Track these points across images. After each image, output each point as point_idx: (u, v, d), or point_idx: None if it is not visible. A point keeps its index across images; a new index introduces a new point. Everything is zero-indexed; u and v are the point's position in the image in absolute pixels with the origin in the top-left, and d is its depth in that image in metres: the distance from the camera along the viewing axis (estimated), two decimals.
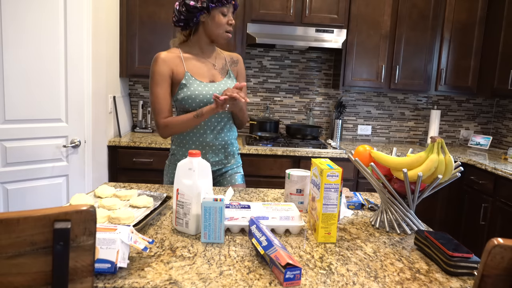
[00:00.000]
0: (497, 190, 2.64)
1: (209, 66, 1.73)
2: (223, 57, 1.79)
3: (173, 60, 1.66)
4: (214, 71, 1.74)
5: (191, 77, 1.67)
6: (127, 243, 0.91)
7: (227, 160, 1.79)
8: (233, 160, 1.82)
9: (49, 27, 2.20)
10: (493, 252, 0.66)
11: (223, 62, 1.78)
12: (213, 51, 1.77)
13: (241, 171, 1.87)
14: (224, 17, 1.66)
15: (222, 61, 1.78)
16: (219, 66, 1.76)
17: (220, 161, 1.78)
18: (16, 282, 0.66)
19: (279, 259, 0.91)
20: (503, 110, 3.51)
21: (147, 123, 3.37)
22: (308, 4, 3.03)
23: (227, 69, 1.78)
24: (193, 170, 1.15)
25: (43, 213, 0.65)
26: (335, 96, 3.55)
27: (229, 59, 1.80)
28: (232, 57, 1.82)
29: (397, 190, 1.26)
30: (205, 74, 1.71)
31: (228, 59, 1.80)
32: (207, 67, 1.72)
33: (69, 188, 2.42)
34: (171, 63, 1.66)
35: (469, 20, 3.19)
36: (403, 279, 0.96)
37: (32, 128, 2.22)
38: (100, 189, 1.42)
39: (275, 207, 1.27)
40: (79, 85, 2.38)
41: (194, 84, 1.66)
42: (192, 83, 1.66)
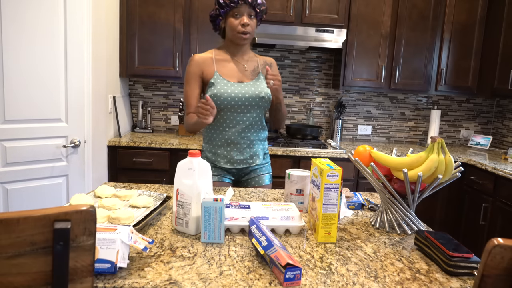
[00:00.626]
0: (497, 190, 2.64)
1: (240, 67, 1.79)
2: (256, 60, 1.84)
3: (205, 61, 1.77)
4: (244, 72, 1.79)
5: (219, 77, 1.74)
6: (127, 243, 0.91)
7: (252, 160, 1.82)
8: (258, 160, 1.83)
9: (49, 27, 2.20)
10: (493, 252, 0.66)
11: (255, 65, 1.83)
12: (245, 54, 1.82)
13: (268, 171, 1.89)
14: (236, 19, 1.69)
15: (254, 64, 1.83)
16: (250, 68, 1.81)
17: (245, 160, 1.81)
18: (16, 282, 0.66)
19: (279, 259, 0.91)
20: (503, 110, 3.51)
21: (147, 123, 3.37)
22: (308, 4, 3.03)
23: (258, 71, 1.82)
24: (193, 170, 1.15)
25: (43, 213, 0.65)
26: (335, 96, 3.55)
27: (262, 62, 1.85)
28: (265, 61, 1.87)
29: (397, 190, 1.26)
30: (234, 74, 1.78)
31: (261, 62, 1.85)
32: (237, 68, 1.79)
33: (69, 188, 2.42)
34: (202, 64, 1.76)
35: (469, 20, 3.19)
36: (403, 279, 0.96)
37: (32, 128, 2.22)
38: (100, 189, 1.42)
39: (275, 207, 1.27)
40: (79, 85, 2.38)
41: (221, 83, 1.72)
42: (219, 82, 1.72)
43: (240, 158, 1.79)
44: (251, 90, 1.73)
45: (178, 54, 3.03)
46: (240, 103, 1.71)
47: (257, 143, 1.81)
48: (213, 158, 1.80)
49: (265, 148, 1.88)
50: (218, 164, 1.80)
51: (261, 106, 1.75)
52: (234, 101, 1.71)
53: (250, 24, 1.70)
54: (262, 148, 1.85)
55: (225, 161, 1.79)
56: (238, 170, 1.82)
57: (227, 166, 1.80)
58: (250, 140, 1.79)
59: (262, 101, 1.74)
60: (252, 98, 1.72)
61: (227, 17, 1.71)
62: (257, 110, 1.75)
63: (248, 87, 1.74)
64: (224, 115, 1.74)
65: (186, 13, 3.02)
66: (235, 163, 1.80)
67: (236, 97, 1.70)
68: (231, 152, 1.78)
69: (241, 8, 1.67)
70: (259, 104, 1.73)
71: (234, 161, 1.79)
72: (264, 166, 1.87)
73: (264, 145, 1.86)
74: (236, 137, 1.76)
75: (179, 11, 3.00)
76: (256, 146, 1.81)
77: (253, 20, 1.71)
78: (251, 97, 1.72)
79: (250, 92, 1.72)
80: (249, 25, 1.69)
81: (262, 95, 1.74)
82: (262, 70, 1.83)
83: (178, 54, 3.03)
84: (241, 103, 1.71)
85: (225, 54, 1.80)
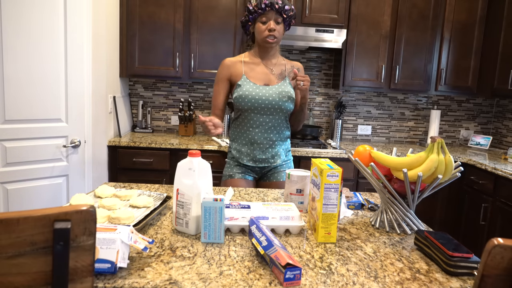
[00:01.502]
0: (497, 190, 2.64)
1: (267, 71, 1.88)
2: (283, 64, 1.92)
3: (234, 64, 1.88)
4: (271, 75, 1.87)
5: (246, 79, 1.84)
6: (127, 243, 0.91)
7: (273, 159, 1.89)
8: (279, 160, 1.90)
9: (49, 27, 2.20)
10: (493, 252, 0.66)
11: (282, 69, 1.90)
12: (273, 57, 1.91)
13: (290, 167, 1.96)
14: (263, 25, 1.79)
15: (281, 67, 1.90)
16: (277, 71, 1.89)
17: (267, 159, 1.88)
18: (16, 282, 0.66)
19: (279, 259, 0.91)
20: (503, 110, 3.51)
21: (147, 123, 3.37)
22: (308, 4, 3.03)
23: (284, 75, 1.90)
24: (193, 170, 1.15)
25: (43, 213, 0.65)
26: (335, 96, 3.55)
27: (289, 67, 1.93)
28: (293, 65, 1.94)
29: (397, 190, 1.26)
30: (261, 77, 1.86)
31: (288, 67, 1.92)
32: (264, 72, 1.87)
33: (69, 188, 2.42)
34: (232, 67, 1.87)
35: (469, 20, 3.19)
36: (403, 279, 0.96)
37: (32, 128, 2.22)
38: (100, 189, 1.42)
39: (275, 207, 1.27)
40: (79, 85, 2.38)
41: (247, 85, 1.82)
42: (246, 84, 1.82)
43: (262, 157, 1.87)
44: (275, 93, 1.81)
45: (178, 54, 3.03)
46: (263, 105, 1.80)
47: (279, 144, 1.89)
48: (237, 156, 1.90)
49: (287, 147, 1.96)
50: (242, 161, 1.89)
51: (285, 109, 1.83)
52: (257, 103, 1.79)
53: (276, 29, 1.78)
54: (284, 148, 1.93)
55: (248, 159, 1.88)
56: (261, 168, 1.91)
57: (250, 164, 1.88)
58: (272, 141, 1.87)
59: (285, 104, 1.82)
60: (275, 101, 1.80)
61: (256, 23, 1.81)
62: (279, 112, 1.83)
63: (273, 90, 1.82)
64: (248, 115, 1.83)
65: (186, 13, 3.02)
66: (257, 162, 1.88)
67: (260, 99, 1.79)
68: (254, 151, 1.86)
69: (269, 14, 1.77)
70: (282, 107, 1.81)
71: (256, 159, 1.87)
72: (286, 163, 1.95)
73: (286, 145, 1.95)
74: (259, 137, 1.84)
75: (179, 11, 3.00)
76: (278, 146, 1.89)
77: (280, 25, 1.80)
78: (275, 100, 1.80)
79: (274, 95, 1.81)
80: (275, 30, 1.77)
81: (286, 99, 1.81)
82: (288, 74, 1.90)
83: (178, 54, 3.03)
84: (264, 105, 1.80)
85: (255, 58, 1.89)
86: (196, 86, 3.44)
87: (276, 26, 1.78)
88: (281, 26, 1.81)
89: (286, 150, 1.96)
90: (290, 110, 1.86)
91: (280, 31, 1.81)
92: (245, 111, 1.83)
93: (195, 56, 3.05)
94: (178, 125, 3.40)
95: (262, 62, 1.89)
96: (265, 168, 1.91)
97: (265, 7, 1.75)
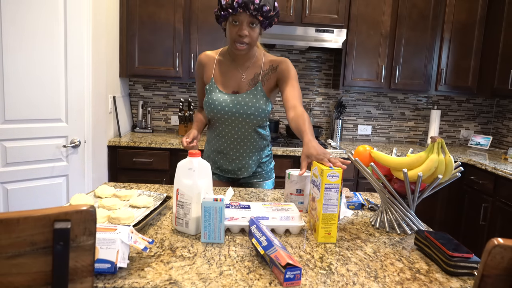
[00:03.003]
0: (497, 190, 2.64)
1: (237, 76, 1.65)
2: (259, 66, 1.66)
3: (208, 63, 1.69)
4: (241, 82, 1.65)
5: (214, 84, 1.66)
6: (127, 243, 0.91)
7: (240, 171, 1.73)
8: (246, 173, 1.74)
9: (49, 27, 2.20)
10: (493, 252, 0.66)
11: (256, 72, 1.65)
12: (247, 60, 1.65)
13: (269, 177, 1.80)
14: (234, 27, 1.51)
15: (255, 71, 1.65)
16: (249, 76, 1.65)
17: (233, 171, 1.74)
18: (16, 282, 0.66)
19: (279, 259, 0.91)
20: (503, 110, 3.51)
21: (147, 123, 3.37)
22: (308, 4, 3.03)
23: (257, 81, 1.65)
24: (193, 170, 1.15)
25: (43, 213, 0.65)
26: (335, 96, 3.55)
27: (266, 68, 1.66)
28: (272, 64, 1.66)
29: (397, 190, 1.26)
30: (230, 84, 1.66)
31: (265, 68, 1.66)
32: (234, 77, 1.66)
33: (69, 188, 2.42)
34: (204, 66, 1.69)
35: (469, 20, 3.19)
36: (403, 279, 0.96)
37: (32, 128, 2.22)
38: (100, 189, 1.42)
39: (275, 207, 1.27)
40: (79, 85, 2.38)
41: (213, 91, 1.64)
42: (212, 91, 1.65)
43: (228, 168, 1.74)
44: (240, 104, 1.61)
45: (178, 54, 3.03)
46: (226, 116, 1.63)
47: (247, 156, 1.70)
48: (207, 160, 1.78)
49: (261, 158, 1.75)
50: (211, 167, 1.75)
51: (250, 122, 1.63)
52: (221, 114, 1.62)
53: (249, 34, 1.51)
54: (255, 159, 1.73)
55: (215, 167, 1.76)
56: (227, 178, 1.78)
57: (217, 172, 1.77)
58: (240, 152, 1.69)
59: (251, 117, 1.61)
60: (239, 113, 1.61)
61: (227, 21, 1.54)
62: (245, 125, 1.64)
63: (239, 100, 1.62)
64: (214, 124, 1.69)
65: (186, 13, 3.02)
66: (223, 172, 1.76)
67: (223, 109, 1.61)
68: (220, 160, 1.74)
69: (241, 16, 1.48)
70: (247, 120, 1.62)
71: (222, 169, 1.75)
72: (260, 174, 1.78)
73: (259, 155, 1.74)
74: (225, 147, 1.70)
75: (179, 11, 3.00)
76: (247, 158, 1.71)
77: (254, 29, 1.52)
78: (239, 111, 1.61)
79: (239, 106, 1.61)
80: (247, 35, 1.51)
81: (252, 111, 1.61)
82: (263, 78, 1.65)
83: (178, 54, 3.03)
84: (227, 117, 1.63)
85: (227, 57, 1.67)
86: (196, 86, 3.44)
87: (250, 31, 1.51)
88: (255, 30, 1.52)
89: (259, 161, 1.74)
90: (257, 122, 1.64)
91: (254, 35, 1.53)
92: (212, 118, 1.67)
93: (195, 56, 3.05)
94: (178, 125, 3.40)
95: (233, 64, 1.65)
96: (232, 178, 1.76)
97: (237, 7, 1.45)
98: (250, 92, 1.63)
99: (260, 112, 1.62)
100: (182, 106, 3.20)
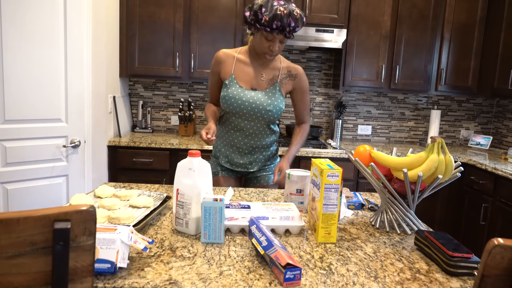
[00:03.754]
0: (497, 190, 2.64)
1: (257, 74, 1.75)
2: (278, 68, 1.77)
3: (226, 59, 1.76)
4: (260, 80, 1.75)
5: (234, 80, 1.74)
6: (127, 243, 0.91)
7: (251, 165, 1.83)
8: (256, 167, 1.84)
9: (49, 27, 2.20)
10: (493, 252, 0.66)
11: (275, 73, 1.76)
12: (268, 62, 1.76)
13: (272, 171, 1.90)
14: (267, 42, 1.64)
15: (274, 72, 1.77)
16: (268, 76, 1.76)
17: (244, 165, 1.83)
18: (16, 282, 0.66)
19: (279, 259, 0.91)
20: (503, 110, 3.51)
21: (147, 123, 3.37)
22: (308, 4, 3.03)
23: (275, 81, 1.76)
24: (193, 170, 1.15)
25: (43, 213, 0.65)
26: (335, 96, 3.55)
27: (284, 72, 1.78)
28: (290, 70, 1.79)
29: (397, 190, 1.26)
30: (249, 80, 1.74)
31: (283, 72, 1.78)
32: (253, 75, 1.75)
33: (69, 188, 2.42)
34: (223, 63, 1.76)
35: (469, 20, 3.19)
36: (403, 279, 0.96)
37: (32, 128, 2.22)
38: (100, 189, 1.42)
39: (275, 207, 1.27)
40: (79, 85, 2.38)
41: (233, 86, 1.72)
42: (232, 86, 1.72)
43: (240, 161, 1.82)
44: (260, 100, 1.71)
45: (178, 54, 3.03)
46: (245, 111, 1.71)
47: (259, 150, 1.81)
48: (217, 154, 1.86)
49: (270, 154, 1.87)
50: (220, 161, 1.85)
51: (267, 118, 1.73)
52: (240, 108, 1.71)
53: (278, 48, 1.67)
54: (265, 155, 1.84)
55: (225, 161, 1.84)
56: (237, 172, 1.86)
57: (227, 166, 1.84)
58: (252, 147, 1.79)
59: (268, 114, 1.72)
60: (258, 108, 1.71)
61: (259, 33, 1.64)
62: (261, 120, 1.74)
63: (259, 97, 1.71)
64: (230, 118, 1.76)
65: (186, 13, 3.02)
66: (234, 165, 1.83)
67: (242, 104, 1.70)
68: (232, 153, 1.81)
69: (275, 36, 1.61)
70: (265, 115, 1.72)
71: (233, 162, 1.83)
72: (269, 168, 1.88)
73: (268, 151, 1.85)
74: (239, 141, 1.78)
75: (179, 11, 3.00)
76: (258, 153, 1.82)
77: (283, 44, 1.67)
78: (258, 107, 1.70)
79: (258, 102, 1.71)
80: (277, 50, 1.66)
81: (270, 108, 1.71)
82: (281, 81, 1.77)
83: (178, 54, 3.03)
84: (246, 111, 1.71)
85: (248, 57, 1.76)
86: (196, 86, 3.44)
87: (280, 46, 1.66)
88: (283, 44, 1.68)
89: (268, 156, 1.87)
90: (273, 119, 1.75)
91: (281, 48, 1.69)
92: (228, 113, 1.75)
93: (195, 56, 3.05)
94: (178, 125, 3.40)
95: (254, 64, 1.76)
96: (241, 172, 1.85)
97: (275, 29, 1.58)
98: (269, 91, 1.74)
99: (278, 109, 1.74)
100: (182, 106, 3.20)
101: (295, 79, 1.79)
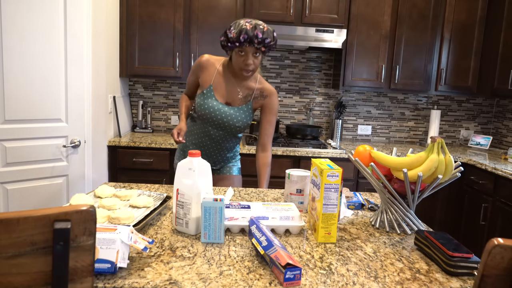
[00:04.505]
0: (497, 190, 2.64)
1: (234, 90, 1.81)
2: (252, 88, 1.82)
3: (209, 68, 1.81)
4: (236, 96, 1.82)
5: (211, 92, 1.80)
6: (127, 243, 0.91)
7: (214, 165, 1.95)
8: (219, 165, 1.96)
9: (49, 27, 2.20)
10: (493, 252, 0.66)
11: (248, 92, 1.83)
12: (245, 80, 1.81)
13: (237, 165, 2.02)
14: (240, 57, 1.67)
15: (248, 91, 1.83)
16: (243, 94, 1.82)
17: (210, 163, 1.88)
18: (16, 282, 0.66)
19: (279, 259, 0.91)
20: (503, 110, 3.51)
21: (147, 123, 3.37)
22: (308, 4, 3.03)
23: (249, 100, 1.83)
24: (193, 170, 1.15)
25: (43, 213, 0.65)
26: (335, 96, 3.55)
27: (257, 92, 1.84)
28: (262, 91, 1.85)
29: (397, 190, 1.26)
30: (225, 95, 1.81)
31: (256, 92, 1.84)
32: (231, 90, 1.81)
33: (69, 188, 2.42)
34: (205, 71, 1.82)
35: (469, 20, 3.19)
36: (403, 279, 0.96)
37: (32, 128, 2.22)
38: (100, 189, 1.42)
39: (275, 207, 1.27)
40: (79, 85, 2.38)
41: (210, 98, 1.79)
42: (209, 97, 1.79)
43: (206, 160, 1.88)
44: (231, 116, 1.79)
45: (178, 54, 3.03)
46: (217, 123, 1.80)
47: (224, 153, 1.92)
48: (185, 149, 1.94)
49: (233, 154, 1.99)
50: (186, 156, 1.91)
51: (235, 131, 1.84)
52: (213, 120, 1.80)
53: (253, 63, 1.69)
54: (228, 156, 1.96)
55: None
56: None
57: None
58: (218, 150, 1.89)
59: (237, 128, 1.82)
60: (229, 123, 1.80)
61: (234, 50, 1.70)
62: (230, 132, 1.84)
63: (231, 112, 1.80)
64: (201, 123, 1.83)
65: (186, 13, 3.02)
66: None
67: (215, 117, 1.79)
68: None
69: (247, 48, 1.65)
70: (233, 129, 1.82)
71: None
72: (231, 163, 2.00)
73: (232, 152, 1.97)
74: (207, 144, 1.87)
75: (179, 11, 3.00)
76: (223, 155, 1.93)
77: (257, 58, 1.69)
78: (229, 122, 1.80)
79: (230, 117, 1.79)
80: (252, 64, 1.68)
81: (239, 124, 1.81)
82: (254, 99, 1.83)
83: (178, 54, 3.03)
84: (217, 124, 1.80)
85: (227, 71, 1.81)
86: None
87: (254, 60, 1.68)
88: (259, 58, 1.70)
89: (231, 158, 1.99)
90: (240, 131, 1.85)
91: (257, 62, 1.71)
92: (200, 118, 1.82)
93: (195, 56, 3.05)
94: None
95: (232, 80, 1.80)
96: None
97: (244, 42, 1.63)
98: (241, 108, 1.82)
99: (246, 125, 1.86)
100: None
101: (265, 98, 1.85)
